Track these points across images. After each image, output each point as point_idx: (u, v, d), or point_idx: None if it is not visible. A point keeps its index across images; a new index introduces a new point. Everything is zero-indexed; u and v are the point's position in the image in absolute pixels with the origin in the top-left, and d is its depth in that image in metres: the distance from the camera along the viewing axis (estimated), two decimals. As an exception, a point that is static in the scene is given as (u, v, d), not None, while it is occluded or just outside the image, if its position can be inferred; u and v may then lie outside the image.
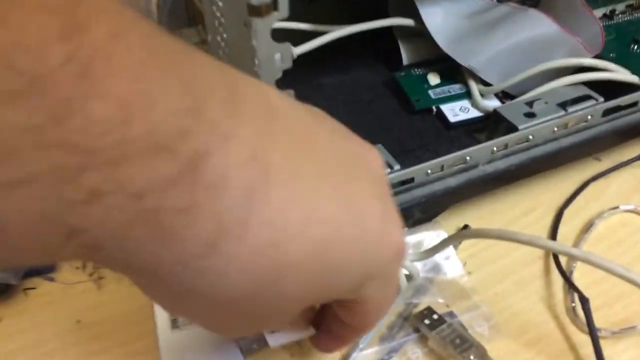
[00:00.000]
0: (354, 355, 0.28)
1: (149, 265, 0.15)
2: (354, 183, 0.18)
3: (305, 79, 0.42)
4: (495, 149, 0.34)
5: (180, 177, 0.14)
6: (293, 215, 0.16)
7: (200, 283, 0.15)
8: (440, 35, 0.40)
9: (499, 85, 0.39)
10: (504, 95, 0.39)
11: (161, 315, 0.28)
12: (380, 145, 0.33)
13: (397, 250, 0.19)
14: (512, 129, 0.35)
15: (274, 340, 0.24)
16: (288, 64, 0.26)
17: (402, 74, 0.41)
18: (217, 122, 0.14)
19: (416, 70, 0.42)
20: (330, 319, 0.23)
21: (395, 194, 0.33)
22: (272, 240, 0.15)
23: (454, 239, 0.28)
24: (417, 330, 0.29)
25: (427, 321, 0.29)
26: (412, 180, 0.33)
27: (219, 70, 0.15)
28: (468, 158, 0.34)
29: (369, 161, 0.19)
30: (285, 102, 0.17)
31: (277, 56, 0.25)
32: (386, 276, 0.20)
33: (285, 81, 0.24)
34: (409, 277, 0.30)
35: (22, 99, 0.11)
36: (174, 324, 0.28)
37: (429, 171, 0.33)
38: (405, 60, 0.42)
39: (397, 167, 0.32)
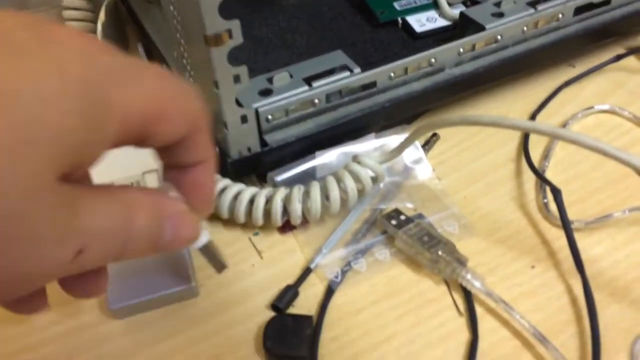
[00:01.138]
0: (317, 259, 0.27)
1: None
2: None
3: (267, 0, 0.40)
4: (462, 50, 0.33)
5: None
6: None
7: None
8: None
9: (466, -9, 0.37)
10: (473, 4, 0.38)
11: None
12: (339, 51, 0.31)
13: None
14: (480, 29, 0.33)
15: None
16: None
17: (366, -13, 0.39)
18: None
19: (380, -17, 0.40)
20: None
21: (357, 99, 0.31)
22: None
23: (418, 134, 0.26)
24: (384, 232, 0.28)
25: (394, 222, 0.27)
26: (374, 84, 0.31)
27: None
28: (433, 60, 0.32)
29: None
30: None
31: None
32: None
33: (247, 3, 0.23)
34: (375, 179, 0.28)
35: None
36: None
37: (392, 74, 0.31)
38: (368, -26, 0.40)
39: (357, 70, 0.30)
